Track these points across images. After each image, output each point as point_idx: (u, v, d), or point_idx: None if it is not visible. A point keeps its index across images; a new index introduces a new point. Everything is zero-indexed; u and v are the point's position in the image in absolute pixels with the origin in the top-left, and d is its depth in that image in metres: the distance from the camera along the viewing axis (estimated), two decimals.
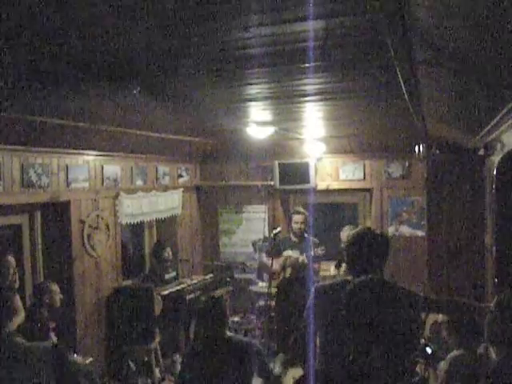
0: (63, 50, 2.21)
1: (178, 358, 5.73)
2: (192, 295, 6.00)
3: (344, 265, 5.57)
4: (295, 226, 5.77)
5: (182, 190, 6.80)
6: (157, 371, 5.42)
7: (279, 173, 6.72)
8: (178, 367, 5.63)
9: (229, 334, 3.12)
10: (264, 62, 2.56)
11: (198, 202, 7.40)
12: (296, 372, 5.27)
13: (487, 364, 2.94)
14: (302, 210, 6.03)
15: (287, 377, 5.15)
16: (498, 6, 1.46)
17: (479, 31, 1.76)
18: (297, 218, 5.80)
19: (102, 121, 4.36)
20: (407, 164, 6.36)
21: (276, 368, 5.39)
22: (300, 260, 5.60)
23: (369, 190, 6.66)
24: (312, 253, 5.58)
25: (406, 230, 6.42)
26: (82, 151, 4.98)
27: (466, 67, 2.25)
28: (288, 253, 5.72)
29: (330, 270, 5.88)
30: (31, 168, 4.42)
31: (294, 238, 5.80)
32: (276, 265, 5.66)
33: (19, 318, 4.07)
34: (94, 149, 5.09)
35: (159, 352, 5.54)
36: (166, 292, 5.66)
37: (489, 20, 1.61)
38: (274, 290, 5.93)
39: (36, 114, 3.76)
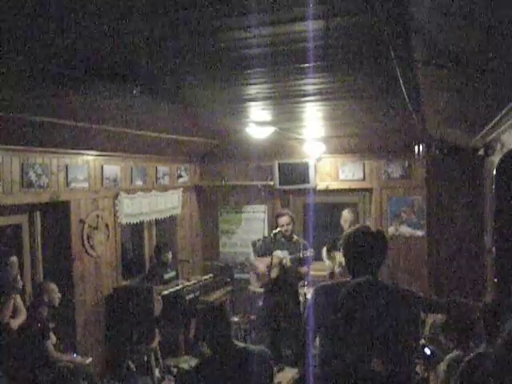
0: (63, 50, 2.21)
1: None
2: (192, 295, 6.00)
3: (338, 253, 5.61)
4: (282, 229, 5.73)
5: (181, 190, 6.80)
6: (156, 371, 5.42)
7: (279, 173, 6.72)
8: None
9: (237, 343, 2.91)
10: (264, 62, 2.56)
11: (197, 202, 7.41)
12: (294, 373, 5.27)
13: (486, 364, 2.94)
14: (286, 210, 6.03)
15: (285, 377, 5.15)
16: (498, 5, 1.46)
17: (479, 31, 1.76)
18: (282, 220, 5.75)
19: (102, 121, 4.36)
20: (407, 164, 6.36)
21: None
22: (284, 262, 5.57)
23: (368, 190, 6.66)
24: (300, 254, 5.55)
25: (405, 229, 6.42)
26: (81, 151, 4.98)
27: (466, 67, 2.25)
28: (277, 253, 5.70)
29: (322, 256, 5.96)
30: (31, 168, 4.42)
31: (282, 240, 5.78)
32: (263, 265, 5.66)
33: (21, 317, 4.09)
34: (93, 149, 5.09)
35: (159, 352, 5.54)
36: (165, 292, 5.67)
37: (489, 20, 1.61)
38: (260, 290, 5.95)
39: (36, 114, 3.76)
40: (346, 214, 6.06)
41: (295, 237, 5.85)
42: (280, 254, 5.68)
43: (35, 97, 3.21)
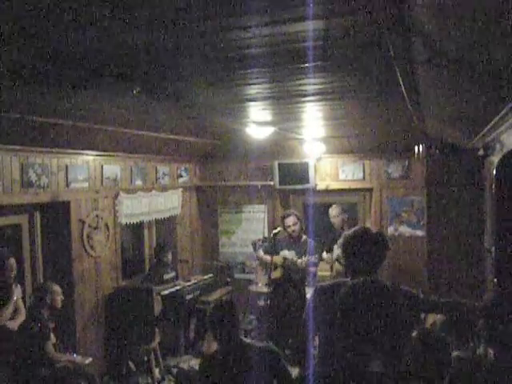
0: (63, 50, 2.21)
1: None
2: (191, 295, 6.01)
3: (335, 246, 5.61)
4: (289, 230, 5.71)
5: (181, 190, 6.80)
6: (156, 371, 5.42)
7: (279, 173, 6.73)
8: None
9: (245, 339, 2.94)
10: (264, 62, 2.56)
11: (197, 202, 7.41)
12: (295, 372, 5.27)
13: (486, 364, 2.94)
14: (291, 211, 5.99)
15: None
16: (498, 6, 1.46)
17: (479, 31, 1.76)
18: (288, 220, 5.72)
19: (101, 121, 4.36)
20: (407, 164, 6.37)
21: None
22: (297, 261, 5.53)
23: (368, 190, 6.67)
24: (306, 258, 5.50)
25: (405, 230, 6.42)
26: (81, 151, 4.98)
27: (466, 67, 2.25)
28: (284, 253, 5.70)
29: (324, 257, 5.91)
30: (31, 168, 4.42)
31: (290, 240, 5.76)
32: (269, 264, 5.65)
33: (21, 317, 4.10)
34: (93, 149, 5.09)
35: (159, 352, 5.54)
36: (165, 292, 5.67)
37: (489, 20, 1.61)
38: (261, 290, 5.95)
39: (36, 114, 3.76)
40: (332, 211, 6.01)
41: (304, 237, 5.80)
42: (288, 255, 5.66)
43: (35, 97, 3.21)
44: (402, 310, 2.57)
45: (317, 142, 6.20)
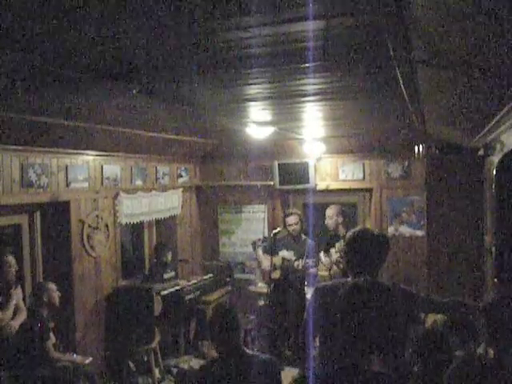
0: (63, 50, 2.21)
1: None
2: (191, 295, 6.01)
3: (333, 250, 5.60)
4: (290, 228, 5.72)
5: (181, 190, 6.80)
6: (156, 371, 5.42)
7: (279, 173, 6.72)
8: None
9: (247, 351, 2.79)
10: (264, 62, 2.56)
11: (197, 202, 7.41)
12: (294, 373, 5.27)
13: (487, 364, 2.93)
14: (294, 210, 5.98)
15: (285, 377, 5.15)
16: (498, 6, 1.46)
17: (479, 31, 1.76)
18: (290, 219, 5.73)
19: (101, 121, 4.36)
20: (407, 164, 6.37)
21: None
22: (295, 264, 5.52)
23: (368, 190, 6.66)
24: (303, 261, 5.48)
25: (405, 230, 6.42)
26: (81, 151, 4.98)
27: (466, 67, 2.25)
28: (283, 253, 5.69)
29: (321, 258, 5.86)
30: (31, 168, 4.42)
31: (289, 239, 5.77)
32: (267, 264, 5.65)
33: (21, 317, 4.10)
34: (93, 149, 5.09)
35: (159, 352, 5.54)
36: (165, 292, 5.67)
37: (489, 20, 1.61)
38: (261, 290, 5.95)
39: (36, 114, 3.76)
40: (328, 211, 5.85)
41: (304, 237, 5.80)
42: (287, 255, 5.66)
43: (35, 97, 3.21)
44: (402, 309, 2.57)
45: (317, 142, 6.20)
